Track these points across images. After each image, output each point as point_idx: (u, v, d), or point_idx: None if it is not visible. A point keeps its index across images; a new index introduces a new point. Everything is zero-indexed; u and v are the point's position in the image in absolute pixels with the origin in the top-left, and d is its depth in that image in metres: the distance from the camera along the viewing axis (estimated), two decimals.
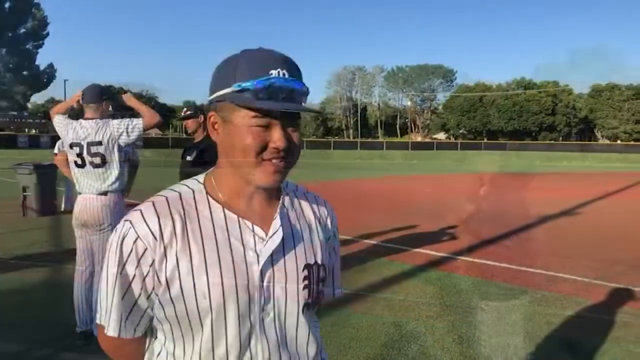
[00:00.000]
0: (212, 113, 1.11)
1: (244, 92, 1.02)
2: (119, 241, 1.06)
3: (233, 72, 1.04)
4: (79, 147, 3.90)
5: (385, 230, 8.56)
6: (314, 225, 1.23)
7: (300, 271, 1.14)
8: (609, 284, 5.59)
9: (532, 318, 4.56)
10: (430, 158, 42.34)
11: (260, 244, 1.09)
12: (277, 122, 1.04)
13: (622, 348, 3.96)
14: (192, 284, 1.04)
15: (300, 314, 1.14)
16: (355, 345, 3.93)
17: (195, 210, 1.09)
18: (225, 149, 1.10)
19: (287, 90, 1.03)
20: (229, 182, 1.12)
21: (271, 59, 1.05)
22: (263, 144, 1.04)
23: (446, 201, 12.88)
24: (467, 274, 5.95)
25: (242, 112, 1.04)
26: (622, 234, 8.57)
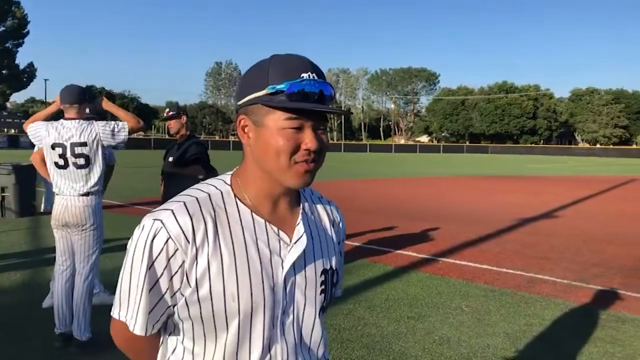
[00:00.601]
0: (242, 117, 1.12)
1: (278, 94, 1.04)
2: (149, 240, 1.05)
3: (265, 76, 1.06)
4: (61, 148, 3.86)
5: (367, 232, 8.59)
6: (329, 230, 1.26)
7: (319, 276, 1.18)
8: (587, 286, 5.67)
9: (512, 319, 4.61)
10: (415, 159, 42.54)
11: (285, 249, 1.12)
12: (309, 124, 1.06)
13: (599, 348, 4.02)
14: (221, 286, 1.05)
15: (316, 318, 1.18)
16: (336, 346, 3.94)
17: (225, 212, 1.10)
18: (256, 151, 1.10)
19: (318, 92, 1.06)
20: (258, 184, 1.13)
21: (302, 63, 1.07)
22: (295, 145, 1.05)
23: (428, 203, 12.95)
24: (448, 275, 5.99)
25: (276, 114, 1.05)
26: (600, 236, 8.69)
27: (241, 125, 1.12)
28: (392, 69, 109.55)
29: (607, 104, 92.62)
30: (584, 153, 70.11)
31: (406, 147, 76.61)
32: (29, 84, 61.61)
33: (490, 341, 4.10)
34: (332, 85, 1.10)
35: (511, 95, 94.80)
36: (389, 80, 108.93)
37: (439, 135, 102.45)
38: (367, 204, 12.52)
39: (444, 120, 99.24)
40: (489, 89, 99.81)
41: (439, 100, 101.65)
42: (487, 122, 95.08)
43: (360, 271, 6.06)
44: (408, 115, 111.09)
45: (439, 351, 3.90)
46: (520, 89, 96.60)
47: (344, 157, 46.08)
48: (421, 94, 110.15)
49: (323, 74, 1.10)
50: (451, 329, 4.33)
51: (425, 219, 10.18)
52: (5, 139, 46.39)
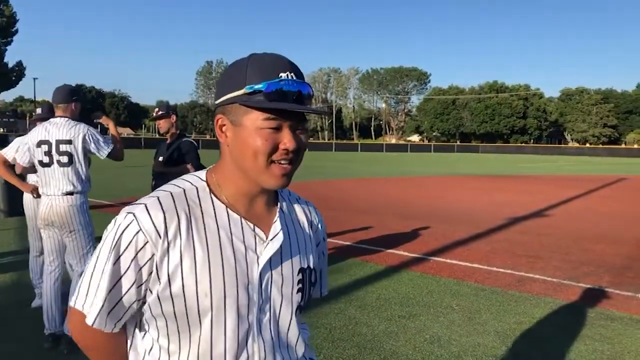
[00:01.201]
0: (220, 116, 1.11)
1: (256, 94, 1.04)
2: (119, 232, 1.05)
3: (243, 75, 1.06)
4: (47, 145, 3.85)
5: (359, 231, 8.60)
6: (307, 230, 1.26)
7: (295, 274, 1.17)
8: (576, 284, 5.71)
9: (502, 318, 4.63)
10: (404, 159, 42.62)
11: (261, 246, 1.12)
12: (287, 124, 1.06)
13: (588, 346, 4.05)
14: (194, 282, 1.04)
15: (293, 316, 1.17)
16: (328, 345, 3.94)
17: (199, 207, 1.10)
18: (233, 151, 1.09)
19: (297, 92, 1.05)
20: (235, 183, 1.12)
21: (280, 62, 1.07)
22: (273, 146, 1.05)
23: (419, 202, 12.98)
24: (439, 274, 6.01)
25: (253, 114, 1.05)
26: (589, 235, 8.75)
27: (219, 125, 1.12)
28: (383, 68, 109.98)
29: (597, 104, 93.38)
30: (573, 152, 70.63)
31: (397, 147, 76.77)
32: (17, 82, 61.08)
33: (480, 340, 4.12)
34: (310, 85, 1.10)
35: (501, 95, 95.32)
36: (380, 80, 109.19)
37: (429, 135, 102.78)
38: (358, 203, 12.54)
39: (434, 120, 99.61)
40: (480, 88, 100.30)
41: (429, 100, 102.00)
42: (477, 122, 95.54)
43: (352, 270, 6.06)
44: (399, 115, 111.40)
45: (430, 350, 3.91)
46: (510, 89, 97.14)
47: (335, 157, 46.14)
48: (412, 94, 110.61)
49: (302, 74, 1.10)
50: (442, 328, 4.35)
51: (416, 218, 10.21)
52: None
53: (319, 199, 13.18)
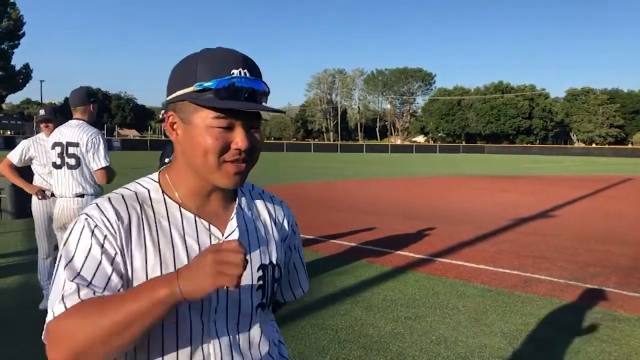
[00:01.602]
0: (170, 113, 1.08)
1: (206, 91, 1.00)
2: (79, 230, 1.02)
3: (193, 72, 1.02)
4: (60, 147, 3.93)
5: (364, 232, 8.59)
6: (269, 226, 1.22)
7: (255, 272, 1.13)
8: (583, 285, 5.69)
9: (508, 319, 4.62)
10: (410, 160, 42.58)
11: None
12: (239, 123, 1.02)
13: (595, 347, 4.03)
14: (145, 280, 1.02)
15: (253, 315, 1.14)
16: (334, 347, 3.94)
17: (151, 208, 1.08)
18: (185, 149, 1.07)
19: (249, 89, 1.02)
20: (187, 182, 1.09)
21: (232, 58, 1.03)
22: (225, 145, 1.02)
23: (425, 203, 12.96)
24: (445, 275, 6.00)
25: (203, 112, 1.01)
26: (596, 236, 8.72)
27: (169, 122, 1.08)
28: (388, 69, 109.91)
29: (603, 104, 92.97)
30: (579, 153, 70.34)
31: (402, 148, 76.74)
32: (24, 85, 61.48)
33: (487, 341, 4.11)
34: (266, 82, 1.06)
35: (507, 96, 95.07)
36: (385, 81, 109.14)
37: (435, 136, 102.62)
38: (364, 204, 12.53)
39: (440, 121, 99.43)
40: (485, 89, 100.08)
41: (435, 101, 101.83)
42: (483, 122, 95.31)
43: (357, 271, 6.06)
44: (404, 116, 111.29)
45: (437, 351, 3.90)
46: (516, 89, 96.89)
47: (340, 158, 46.14)
48: (417, 94, 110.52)
49: (257, 70, 1.06)
50: (448, 329, 4.34)
51: (421, 219, 10.19)
52: (1, 140, 46.31)
53: (324, 200, 13.19)
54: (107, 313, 0.92)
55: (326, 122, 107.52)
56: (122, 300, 0.93)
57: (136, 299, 0.92)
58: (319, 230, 8.64)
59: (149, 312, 0.91)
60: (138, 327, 0.92)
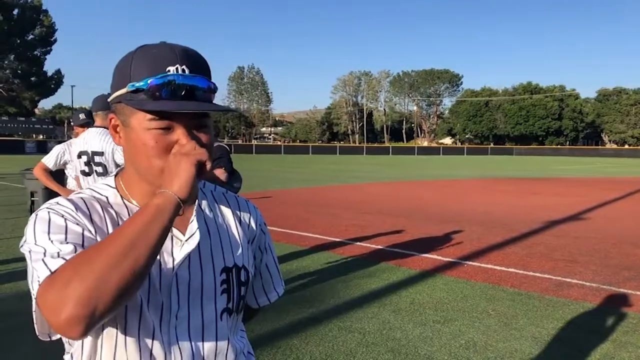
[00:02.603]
0: (112, 115, 1.03)
1: (139, 92, 0.95)
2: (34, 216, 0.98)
3: (128, 71, 0.97)
4: (86, 156, 4.00)
5: (391, 235, 8.55)
6: (233, 226, 1.16)
7: (218, 275, 1.08)
8: (617, 289, 5.56)
9: (539, 323, 4.54)
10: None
11: (178, 248, 1.04)
12: (179, 123, 0.96)
13: (631, 353, 3.93)
14: None
15: (218, 320, 1.08)
16: (362, 350, 3.92)
17: (112, 210, 1.04)
18: (129, 154, 1.02)
19: (185, 87, 0.95)
20: (138, 187, 1.05)
21: (169, 54, 0.96)
22: (167, 146, 0.96)
23: (453, 206, 12.84)
24: (474, 279, 5.93)
25: (140, 114, 0.96)
26: (630, 239, 8.52)
27: (112, 125, 1.04)
28: (414, 70, 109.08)
29: (636, 104, 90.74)
30: (611, 154, 68.93)
31: (429, 150, 76.16)
32: (56, 90, 62.98)
33: (517, 345, 4.05)
34: (208, 77, 1.00)
35: (536, 96, 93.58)
36: (411, 82, 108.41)
37: (462, 137, 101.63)
38: (391, 207, 12.47)
39: (467, 122, 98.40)
40: (513, 89, 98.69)
41: (462, 102, 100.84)
42: (511, 124, 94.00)
43: (385, 274, 6.03)
44: (431, 117, 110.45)
45: (466, 355, 3.86)
46: (545, 90, 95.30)
47: (366, 160, 46.02)
48: (444, 96, 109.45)
49: (200, 65, 0.99)
50: (477, 333, 4.29)
51: (449, 221, 10.10)
52: (34, 145, 47.46)
53: (350, 202, 13.16)
54: (106, 244, 0.84)
55: (352, 125, 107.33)
56: (119, 229, 0.86)
57: (133, 220, 0.87)
58: (346, 232, 8.62)
59: (150, 224, 0.86)
60: (144, 245, 0.84)
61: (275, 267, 1.32)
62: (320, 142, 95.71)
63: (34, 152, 44.02)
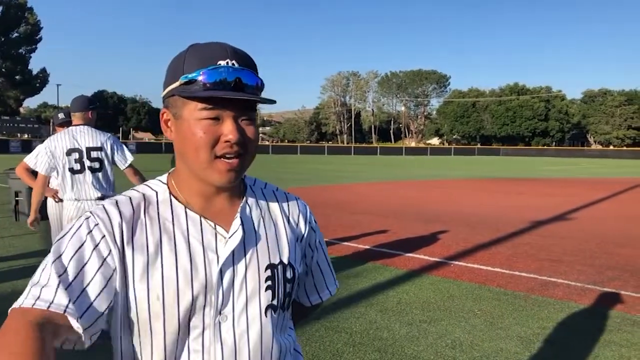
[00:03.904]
0: (164, 110, 1.08)
1: (191, 83, 0.99)
2: (78, 228, 1.02)
3: (181, 66, 1.01)
4: (77, 153, 3.96)
5: (378, 234, 8.57)
6: (280, 224, 1.18)
7: (263, 271, 1.10)
8: (601, 289, 5.61)
9: (525, 322, 4.57)
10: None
11: (222, 245, 1.06)
12: (229, 114, 1.00)
13: (614, 352, 3.97)
14: (146, 285, 1.01)
15: (262, 317, 1.09)
16: (349, 350, 3.92)
17: (157, 210, 1.07)
18: (178, 147, 1.06)
19: (235, 79, 0.99)
20: (188, 182, 1.08)
21: (219, 50, 1.01)
22: (214, 138, 1.00)
23: (440, 206, 12.89)
24: (460, 278, 5.96)
25: (191, 105, 1.00)
26: (614, 239, 8.61)
27: (164, 119, 1.08)
28: (402, 71, 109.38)
29: (620, 105, 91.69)
30: (596, 155, 69.61)
31: (417, 150, 76.39)
32: (41, 89, 62.30)
33: (503, 345, 4.07)
34: (256, 74, 1.03)
35: (522, 97, 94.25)
36: (399, 83, 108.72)
37: (449, 138, 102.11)
38: (378, 207, 12.49)
39: (454, 123, 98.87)
40: (500, 90, 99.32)
41: (449, 103, 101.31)
42: (498, 124, 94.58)
43: (372, 274, 6.04)
44: (418, 118, 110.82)
45: (452, 355, 3.87)
46: (531, 91, 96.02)
47: (354, 160, 46.08)
48: (432, 96, 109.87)
49: (248, 62, 1.04)
50: (464, 333, 4.31)
51: (436, 221, 10.14)
52: (19, 144, 46.96)
53: (338, 202, 13.17)
54: None
55: (340, 125, 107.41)
56: None
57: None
58: (334, 232, 8.62)
59: None
60: None
61: (328, 265, 1.34)
62: (309, 142, 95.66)
63: (18, 151, 43.58)
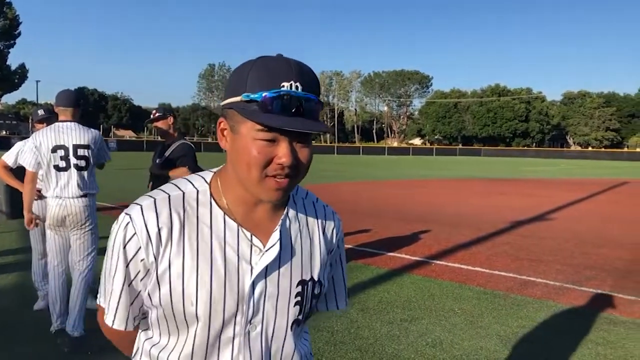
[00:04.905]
0: (221, 119, 1.07)
1: (252, 102, 0.97)
2: (119, 234, 1.06)
3: (244, 81, 1.00)
4: (63, 150, 3.90)
5: (360, 234, 8.59)
6: (316, 239, 1.19)
7: (294, 287, 1.12)
8: (579, 288, 5.69)
9: (504, 321, 4.62)
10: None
11: (257, 256, 1.07)
12: (284, 137, 0.99)
13: (591, 350, 4.03)
14: (181, 289, 1.03)
15: (288, 330, 1.12)
16: (330, 349, 3.93)
17: (195, 213, 1.07)
18: (232, 158, 1.06)
19: (297, 105, 0.98)
20: (234, 189, 1.08)
21: (286, 69, 0.99)
22: (268, 159, 0.99)
23: (422, 206, 12.96)
24: (441, 277, 6.00)
25: (249, 123, 0.99)
26: (592, 239, 8.73)
27: (220, 128, 1.08)
28: (385, 71, 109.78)
29: (599, 107, 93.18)
30: (576, 156, 70.48)
31: (399, 150, 76.71)
32: (20, 85, 61.23)
33: (482, 343, 4.11)
34: (318, 96, 1.04)
35: (503, 99, 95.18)
36: (382, 83, 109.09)
37: (431, 138, 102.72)
38: (360, 206, 12.52)
39: (436, 123, 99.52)
40: (482, 92, 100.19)
41: (431, 103, 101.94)
42: (479, 125, 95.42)
43: (354, 273, 6.05)
44: (401, 118, 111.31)
45: (432, 353, 3.89)
46: (512, 92, 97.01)
47: (337, 160, 46.11)
48: (414, 97, 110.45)
49: (312, 82, 1.03)
50: (444, 332, 4.34)
51: (418, 221, 10.19)
52: None
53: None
54: None
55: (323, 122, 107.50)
56: None
57: None
58: None
59: None
60: None
61: (342, 281, 1.34)
62: None
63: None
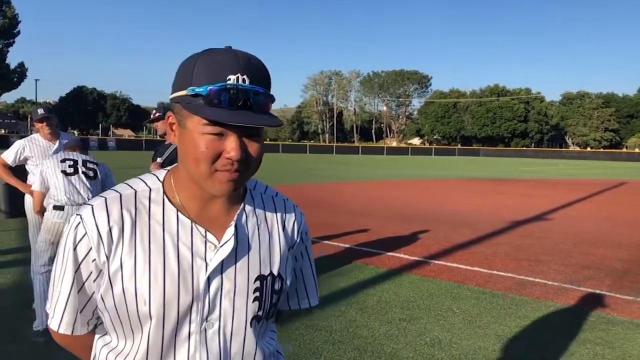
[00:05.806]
0: (169, 114, 1.05)
1: (198, 97, 0.95)
2: (70, 236, 1.05)
3: (190, 74, 0.97)
4: (72, 161, 4.04)
5: (359, 234, 8.59)
6: (275, 233, 1.16)
7: (252, 282, 1.09)
8: (577, 288, 5.70)
9: (503, 321, 4.62)
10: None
11: (212, 252, 1.05)
12: (233, 131, 0.96)
13: (589, 350, 4.04)
14: (133, 289, 1.01)
15: (248, 327, 1.09)
16: (328, 348, 3.93)
17: (147, 211, 1.06)
18: (181, 153, 1.03)
19: (244, 98, 0.95)
20: (188, 186, 1.06)
21: (232, 62, 0.96)
22: (216, 153, 0.97)
23: (420, 206, 12.97)
24: (440, 277, 6.01)
25: (196, 118, 0.96)
26: (590, 239, 8.74)
27: (169, 122, 1.06)
28: (384, 71, 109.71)
29: (598, 108, 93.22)
30: (574, 156, 70.54)
31: (398, 150, 76.72)
32: (19, 83, 61.24)
33: (481, 343, 4.11)
34: (266, 89, 0.99)
35: (503, 99, 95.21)
36: (381, 83, 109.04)
37: (430, 138, 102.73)
38: (359, 206, 12.53)
39: (435, 123, 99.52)
40: (481, 92, 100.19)
41: (430, 103, 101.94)
42: (478, 125, 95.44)
43: (352, 273, 6.06)
44: (400, 118, 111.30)
45: (431, 353, 3.90)
46: (511, 92, 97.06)
47: (336, 159, 46.13)
48: (413, 97, 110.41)
49: (261, 75, 0.99)
50: (442, 331, 4.34)
51: (417, 221, 10.20)
52: None
53: (319, 201, 13.18)
54: None
55: (322, 124, 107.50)
56: None
57: None
58: (314, 231, 8.62)
59: None
60: None
61: (311, 276, 1.31)
62: (290, 141, 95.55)
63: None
